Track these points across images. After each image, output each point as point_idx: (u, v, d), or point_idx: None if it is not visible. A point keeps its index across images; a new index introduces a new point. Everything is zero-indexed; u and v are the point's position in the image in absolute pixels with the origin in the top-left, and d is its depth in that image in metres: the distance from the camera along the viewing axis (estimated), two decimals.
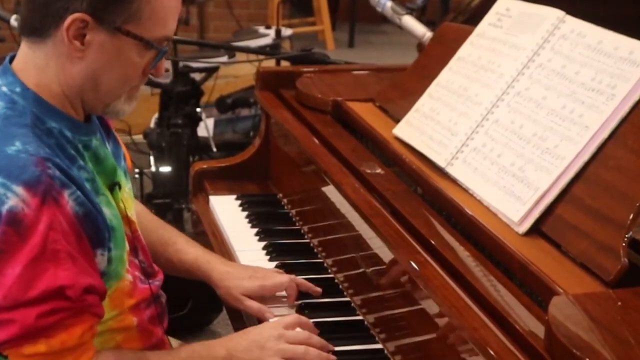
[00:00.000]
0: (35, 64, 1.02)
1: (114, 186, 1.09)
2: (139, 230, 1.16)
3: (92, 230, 0.99)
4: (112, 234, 1.03)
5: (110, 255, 1.03)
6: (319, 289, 1.26)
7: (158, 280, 1.19)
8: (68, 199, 0.96)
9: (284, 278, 1.24)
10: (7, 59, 1.06)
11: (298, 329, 1.12)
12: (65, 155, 0.99)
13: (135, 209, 1.17)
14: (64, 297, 0.95)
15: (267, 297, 1.23)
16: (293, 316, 1.15)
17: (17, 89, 1.01)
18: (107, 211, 1.03)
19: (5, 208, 0.93)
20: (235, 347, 1.07)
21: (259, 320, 1.22)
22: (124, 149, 1.20)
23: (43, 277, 0.93)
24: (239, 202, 1.61)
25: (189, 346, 1.10)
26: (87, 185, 1.00)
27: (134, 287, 1.10)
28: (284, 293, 1.25)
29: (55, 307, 0.94)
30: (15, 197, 0.93)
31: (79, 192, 0.97)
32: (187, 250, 1.29)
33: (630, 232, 0.95)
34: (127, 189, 1.13)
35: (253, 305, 1.22)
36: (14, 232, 0.93)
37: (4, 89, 1.01)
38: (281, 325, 1.11)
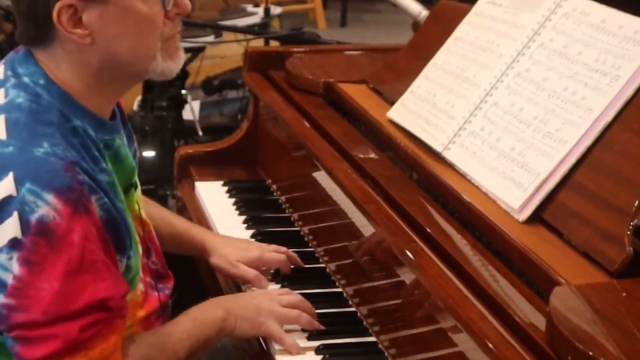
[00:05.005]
0: (48, 66, 0.98)
1: (129, 187, 1.07)
2: (153, 232, 1.16)
3: (114, 236, 0.98)
4: (132, 241, 1.02)
5: (128, 263, 1.03)
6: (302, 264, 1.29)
7: (168, 289, 1.19)
8: (95, 204, 0.95)
9: (281, 256, 1.28)
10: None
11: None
12: (90, 157, 0.97)
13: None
14: (105, 308, 0.94)
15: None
16: (283, 290, 1.20)
17: (41, 81, 0.97)
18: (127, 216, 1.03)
19: (34, 217, 0.90)
20: (232, 306, 1.11)
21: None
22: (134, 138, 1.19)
23: (84, 290, 0.92)
24: (226, 188, 1.60)
25: (187, 314, 1.09)
26: (109, 189, 0.99)
27: (145, 297, 1.11)
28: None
29: (97, 319, 0.94)
30: (46, 206, 0.90)
31: (105, 198, 0.96)
32: (175, 222, 1.31)
33: (636, 220, 0.94)
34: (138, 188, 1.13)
35: (250, 271, 1.25)
36: (45, 243, 0.90)
37: (26, 79, 0.97)
38: (273, 292, 1.16)
